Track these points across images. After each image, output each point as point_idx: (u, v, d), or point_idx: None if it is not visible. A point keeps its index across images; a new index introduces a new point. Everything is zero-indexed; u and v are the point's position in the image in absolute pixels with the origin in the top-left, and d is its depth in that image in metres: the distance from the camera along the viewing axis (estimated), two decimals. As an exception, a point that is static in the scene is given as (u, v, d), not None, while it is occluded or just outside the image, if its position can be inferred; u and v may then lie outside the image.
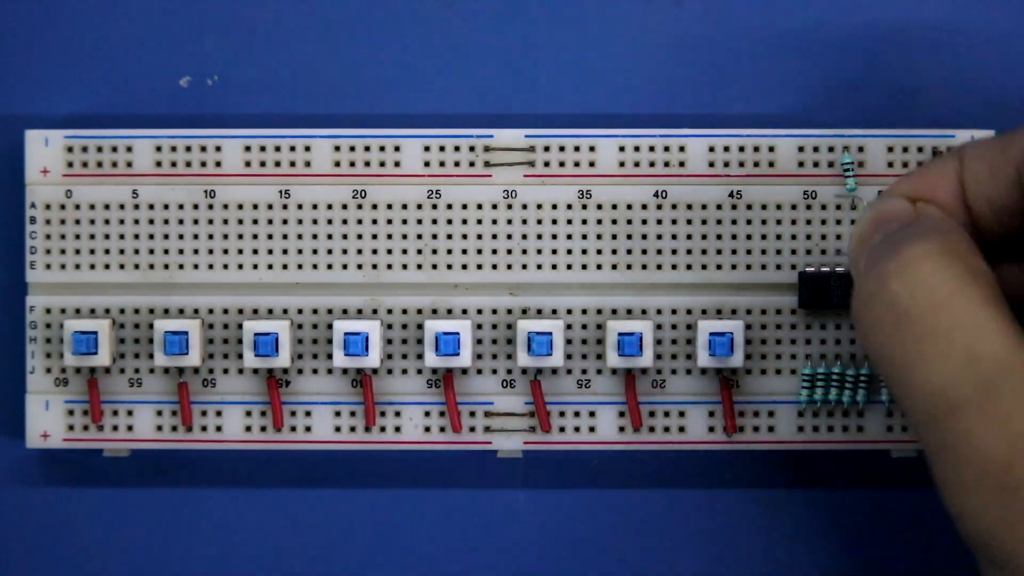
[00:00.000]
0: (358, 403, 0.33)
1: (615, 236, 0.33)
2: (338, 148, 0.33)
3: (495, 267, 0.33)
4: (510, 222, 0.33)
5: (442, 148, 0.33)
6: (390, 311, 0.33)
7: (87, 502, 0.35)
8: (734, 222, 0.33)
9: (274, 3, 0.35)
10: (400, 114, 0.34)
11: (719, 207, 0.33)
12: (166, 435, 0.34)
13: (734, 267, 0.33)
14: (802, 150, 0.33)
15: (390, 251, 0.33)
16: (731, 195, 0.33)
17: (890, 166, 0.33)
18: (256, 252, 0.33)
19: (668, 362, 0.33)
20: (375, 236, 0.33)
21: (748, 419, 0.33)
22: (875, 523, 0.35)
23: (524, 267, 0.33)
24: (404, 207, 0.33)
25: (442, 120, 0.34)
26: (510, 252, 0.33)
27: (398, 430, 0.33)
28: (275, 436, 0.34)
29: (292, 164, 0.33)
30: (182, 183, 0.33)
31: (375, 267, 0.33)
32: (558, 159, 0.33)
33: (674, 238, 0.33)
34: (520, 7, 0.35)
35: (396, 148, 0.33)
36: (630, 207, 0.33)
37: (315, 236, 0.33)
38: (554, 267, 0.33)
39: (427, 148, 0.33)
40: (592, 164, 0.33)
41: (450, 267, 0.33)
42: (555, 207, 0.33)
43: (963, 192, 0.28)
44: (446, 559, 0.35)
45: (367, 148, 0.33)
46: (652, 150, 0.33)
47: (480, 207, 0.33)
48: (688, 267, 0.33)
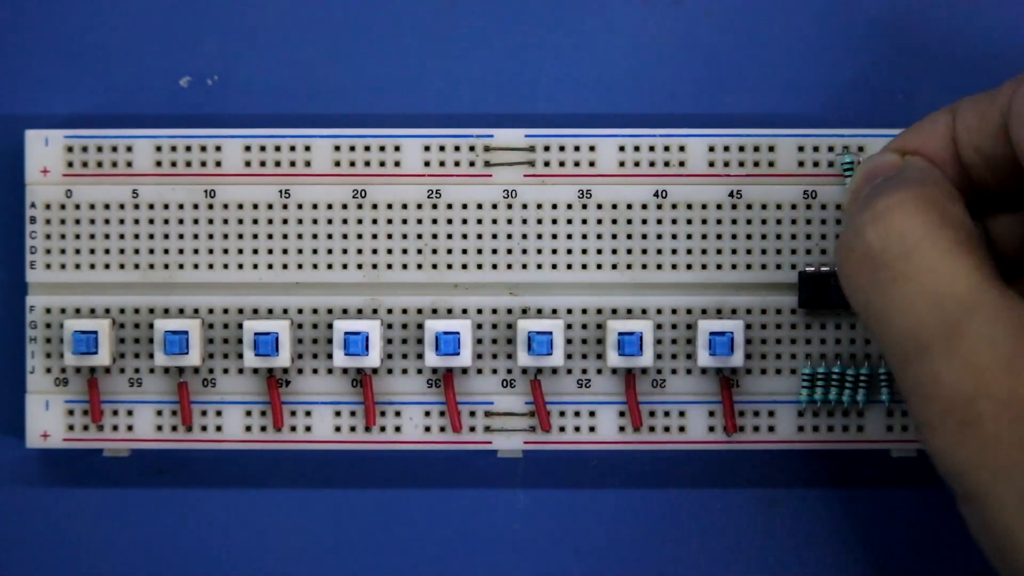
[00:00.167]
0: (358, 403, 0.33)
1: (615, 236, 0.33)
2: (338, 148, 0.33)
3: (495, 267, 0.33)
4: (510, 222, 0.33)
5: (442, 148, 0.33)
6: (390, 311, 0.33)
7: (87, 502, 0.35)
8: (734, 222, 0.33)
9: (274, 3, 0.35)
10: (400, 114, 0.34)
11: (719, 207, 0.33)
12: (166, 435, 0.34)
13: (734, 267, 0.33)
14: (802, 150, 0.33)
15: (390, 251, 0.33)
16: (731, 195, 0.33)
17: (890, 166, 0.33)
18: (256, 252, 0.33)
19: (668, 362, 0.33)
20: (375, 236, 0.33)
21: (748, 419, 0.33)
22: (875, 523, 0.35)
23: (524, 267, 0.33)
24: (404, 207, 0.33)
25: (442, 120, 0.34)
26: (510, 252, 0.33)
27: (398, 430, 0.33)
28: (275, 436, 0.34)
29: (292, 164, 0.33)
30: (182, 183, 0.33)
31: (375, 267, 0.33)
32: (558, 159, 0.33)
33: (674, 238, 0.33)
34: (520, 7, 0.35)
35: (396, 148, 0.33)
36: (630, 207, 0.33)
37: (315, 236, 0.33)
38: (554, 267, 0.33)
39: (427, 148, 0.33)
40: (592, 164, 0.33)
41: (450, 267, 0.33)
42: (555, 207, 0.33)
43: (955, 144, 0.29)
44: (446, 559, 0.35)
45: (367, 148, 0.33)
46: (652, 150, 0.33)
47: (480, 207, 0.33)
48: (688, 267, 0.33)
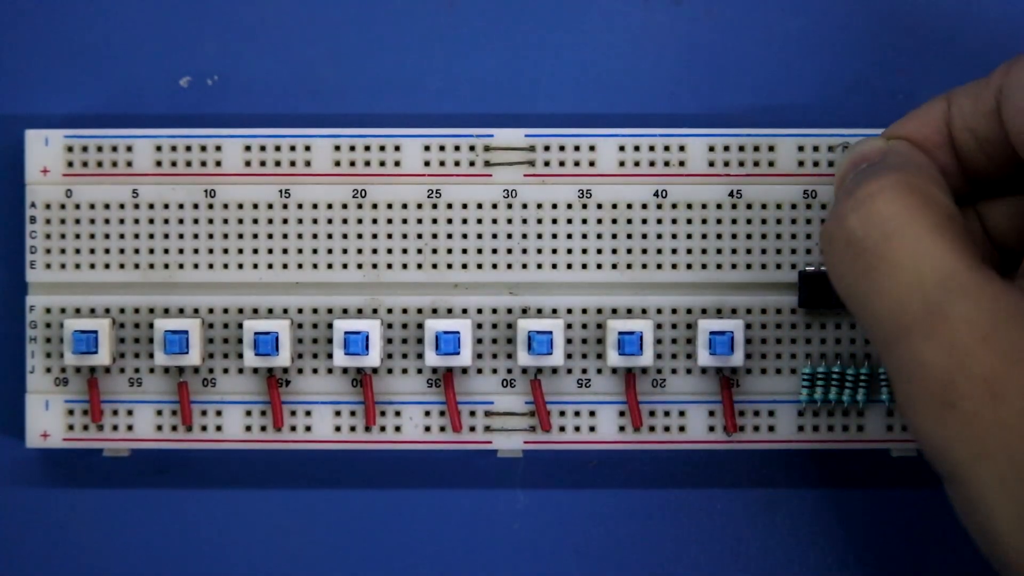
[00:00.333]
0: (358, 403, 0.33)
1: (615, 236, 0.33)
2: (338, 148, 0.33)
3: (495, 267, 0.33)
4: (510, 222, 0.33)
5: (442, 148, 0.33)
6: (390, 310, 0.33)
7: (87, 502, 0.35)
8: (734, 222, 0.33)
9: (274, 3, 0.35)
10: (400, 114, 0.34)
11: (719, 207, 0.33)
12: (166, 435, 0.34)
13: (734, 267, 0.33)
14: (802, 150, 0.33)
15: (390, 251, 0.33)
16: (731, 195, 0.33)
17: (890, 166, 0.33)
18: (256, 252, 0.33)
19: (668, 361, 0.33)
20: (375, 236, 0.33)
21: (748, 418, 0.33)
22: (875, 523, 0.35)
23: (524, 267, 0.33)
24: (404, 207, 0.33)
25: (442, 120, 0.34)
26: (510, 252, 0.33)
27: (398, 430, 0.33)
28: (275, 436, 0.34)
29: (292, 164, 0.33)
30: (182, 183, 0.33)
31: (375, 267, 0.33)
32: (558, 159, 0.33)
33: (674, 238, 0.33)
34: (520, 7, 0.35)
35: (396, 148, 0.33)
36: (630, 207, 0.33)
37: (315, 236, 0.33)
38: (554, 267, 0.33)
39: (427, 148, 0.33)
40: (592, 164, 0.33)
41: (450, 267, 0.33)
42: (555, 207, 0.33)
43: (948, 128, 0.29)
44: (446, 559, 0.35)
45: (367, 148, 0.33)
46: (652, 150, 0.33)
47: (480, 207, 0.33)
48: (688, 267, 0.33)
